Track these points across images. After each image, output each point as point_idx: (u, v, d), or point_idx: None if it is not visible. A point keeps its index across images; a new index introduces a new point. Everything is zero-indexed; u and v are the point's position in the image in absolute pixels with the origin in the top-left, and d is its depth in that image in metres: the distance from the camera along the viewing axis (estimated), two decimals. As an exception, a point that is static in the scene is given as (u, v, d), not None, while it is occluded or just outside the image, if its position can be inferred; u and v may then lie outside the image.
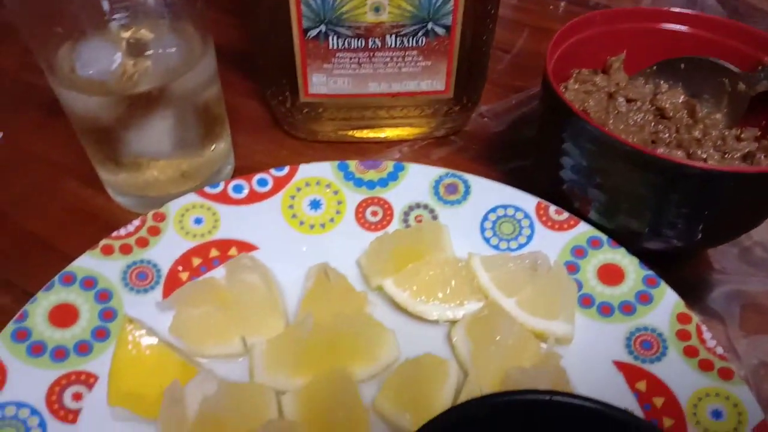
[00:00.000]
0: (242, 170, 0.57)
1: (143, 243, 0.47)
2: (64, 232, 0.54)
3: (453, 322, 0.46)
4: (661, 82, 0.55)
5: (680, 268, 0.53)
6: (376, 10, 0.52)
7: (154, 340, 0.41)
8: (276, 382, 0.41)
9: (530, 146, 0.62)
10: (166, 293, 0.46)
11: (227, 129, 0.56)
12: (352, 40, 0.53)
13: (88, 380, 0.42)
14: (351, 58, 0.55)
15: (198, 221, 0.49)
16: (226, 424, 0.37)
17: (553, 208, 0.50)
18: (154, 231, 0.48)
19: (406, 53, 0.55)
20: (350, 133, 0.61)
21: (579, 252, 0.48)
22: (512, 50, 0.74)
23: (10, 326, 0.42)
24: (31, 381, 0.41)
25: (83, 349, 0.43)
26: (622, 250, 0.48)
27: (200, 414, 0.37)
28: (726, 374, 0.41)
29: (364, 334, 0.42)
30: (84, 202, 0.57)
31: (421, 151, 0.62)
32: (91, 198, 0.57)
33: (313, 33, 0.53)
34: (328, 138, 0.62)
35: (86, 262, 0.45)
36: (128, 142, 0.50)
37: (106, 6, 0.45)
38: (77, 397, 0.41)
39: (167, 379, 0.40)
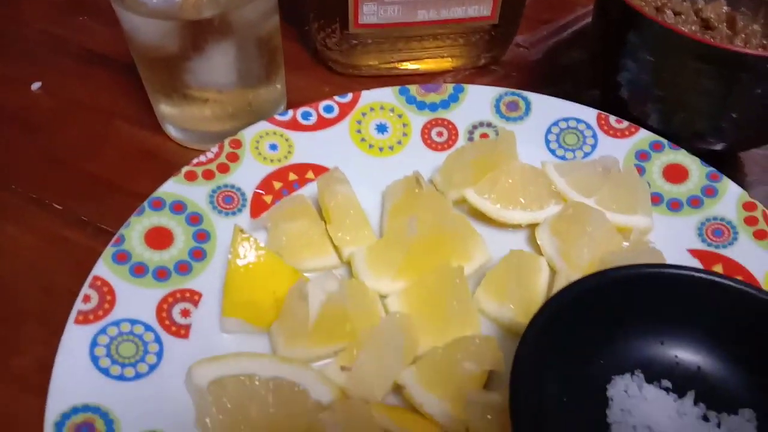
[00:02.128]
0: (294, 106, 0.57)
1: (224, 169, 0.48)
2: (127, 171, 0.54)
3: (533, 226, 0.48)
4: (697, -3, 0.57)
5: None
6: (430, -67, 0.53)
7: (264, 251, 0.42)
8: (380, 286, 0.43)
9: (567, 71, 0.64)
10: (254, 215, 0.47)
11: (283, 64, 0.56)
12: (405, -34, 0.54)
13: (193, 297, 0.42)
14: (403, -15, 0.55)
15: (273, 147, 0.50)
16: (350, 318, 0.38)
17: (612, 117, 0.52)
18: (233, 157, 0.48)
19: (456, -22, 0.56)
20: (396, 65, 0.62)
21: (643, 156, 0.51)
22: (535, -14, 0.76)
23: (110, 249, 0.42)
24: (139, 300, 0.41)
25: (183, 268, 0.43)
26: (683, 150, 0.50)
27: (325, 308, 0.38)
28: (797, 251, 0.45)
29: (461, 235, 0.44)
30: (141, 143, 0.56)
31: (465, 80, 0.63)
32: (148, 138, 0.57)
33: (367, -41, 0.53)
34: (371, 73, 0.63)
35: (172, 188, 0.46)
36: (195, 72, 0.50)
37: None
38: (185, 313, 0.41)
39: (280, 286, 0.41)
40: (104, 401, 0.36)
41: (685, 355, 0.39)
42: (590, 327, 0.38)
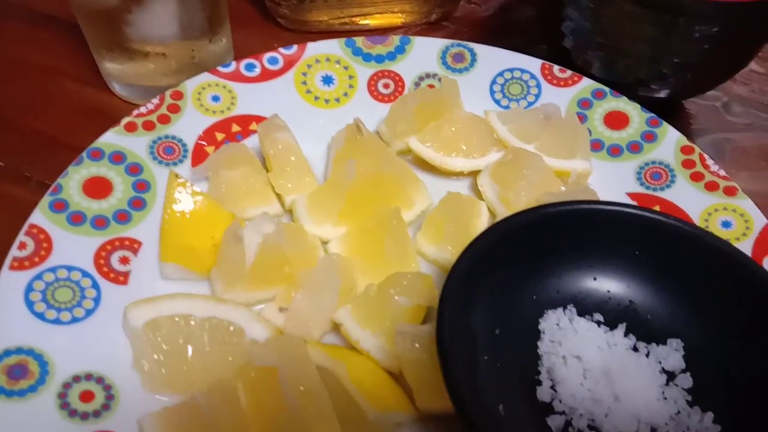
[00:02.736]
0: (241, 61, 0.57)
1: (165, 120, 0.47)
2: (72, 128, 0.53)
3: (476, 173, 0.48)
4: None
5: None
6: None
7: (201, 196, 0.42)
8: (322, 232, 0.43)
9: (518, 26, 0.65)
10: (195, 165, 0.47)
11: (228, 18, 0.56)
12: None
13: (132, 245, 0.42)
14: (348, -63, 0.55)
15: (215, 99, 0.49)
16: (288, 261, 0.39)
17: (556, 67, 0.53)
18: (174, 108, 0.48)
19: (403, -70, 0.55)
20: (346, 21, 0.62)
21: (585, 104, 0.51)
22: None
23: (47, 198, 0.42)
24: (76, 247, 0.41)
25: (122, 217, 0.43)
26: (624, 98, 0.51)
27: (262, 250, 0.38)
28: (730, 191, 0.46)
29: (402, 181, 0.44)
30: (86, 101, 0.56)
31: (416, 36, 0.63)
32: (93, 96, 0.56)
33: None
34: (321, 29, 0.63)
35: (112, 138, 0.45)
36: (136, 24, 0.49)
37: None
38: (125, 260, 0.41)
39: (219, 232, 0.41)
40: (39, 344, 0.36)
41: (618, 289, 0.40)
42: (522, 262, 0.38)
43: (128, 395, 0.36)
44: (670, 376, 0.37)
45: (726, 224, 0.45)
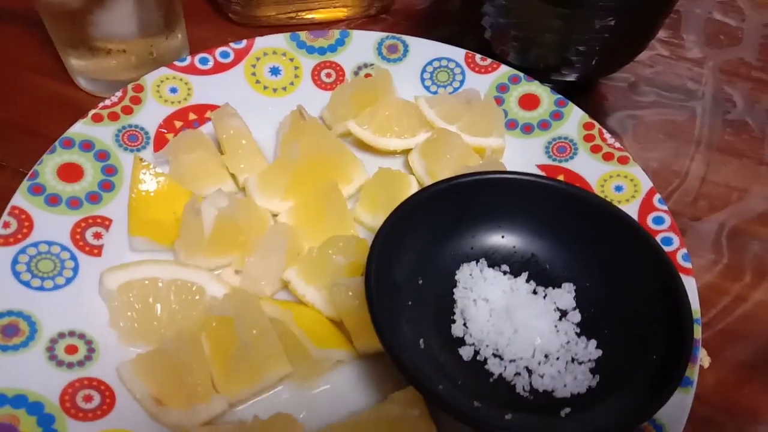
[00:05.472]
0: (197, 55, 0.62)
1: (128, 110, 0.53)
2: (40, 118, 0.58)
3: (408, 151, 0.55)
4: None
5: (582, 103, 0.64)
6: None
7: (163, 176, 0.48)
8: (271, 206, 0.49)
9: (452, 17, 0.71)
10: (157, 151, 0.52)
11: (182, 15, 0.61)
12: None
13: (104, 222, 0.48)
14: (291, -60, 0.61)
15: (173, 90, 0.55)
16: (242, 230, 0.45)
17: (478, 56, 0.60)
18: (136, 100, 0.54)
19: (340, -68, 0.61)
20: (293, 15, 0.68)
21: (503, 88, 0.58)
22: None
23: (26, 183, 0.47)
24: (54, 225, 0.46)
25: (94, 198, 0.49)
26: (536, 82, 0.58)
27: (218, 221, 0.44)
28: (623, 160, 0.53)
29: (341, 160, 0.51)
30: (53, 93, 0.61)
31: (358, 28, 0.69)
32: (59, 89, 0.61)
33: None
34: (270, 23, 0.68)
35: (80, 129, 0.51)
36: (98, 24, 0.54)
37: None
38: (98, 236, 0.47)
39: (180, 207, 0.47)
40: (26, 307, 0.42)
41: (522, 244, 0.47)
42: (440, 224, 0.45)
43: (107, 348, 0.42)
44: (563, 313, 0.44)
45: (618, 188, 0.52)
